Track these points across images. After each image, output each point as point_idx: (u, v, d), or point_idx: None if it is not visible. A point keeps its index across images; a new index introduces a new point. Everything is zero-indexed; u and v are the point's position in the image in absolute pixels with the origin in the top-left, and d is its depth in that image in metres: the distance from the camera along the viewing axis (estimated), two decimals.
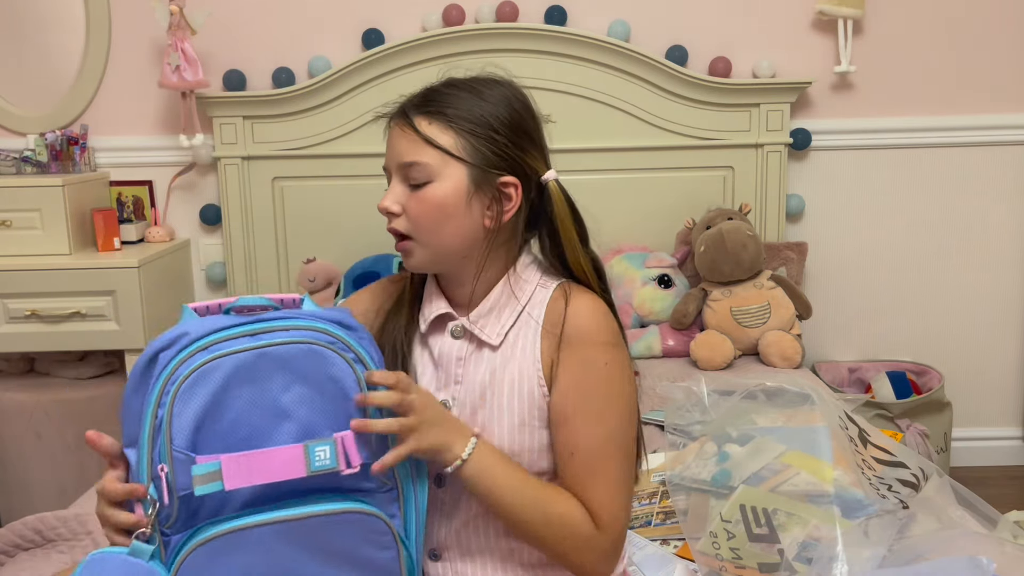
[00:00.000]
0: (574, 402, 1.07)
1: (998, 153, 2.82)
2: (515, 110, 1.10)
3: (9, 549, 1.56)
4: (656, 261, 2.67)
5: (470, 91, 1.09)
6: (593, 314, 1.09)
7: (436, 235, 1.08)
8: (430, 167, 1.06)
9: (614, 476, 1.06)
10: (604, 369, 1.07)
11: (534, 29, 2.66)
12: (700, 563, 1.37)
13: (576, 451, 1.06)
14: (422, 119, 1.07)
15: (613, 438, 1.07)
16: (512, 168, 1.09)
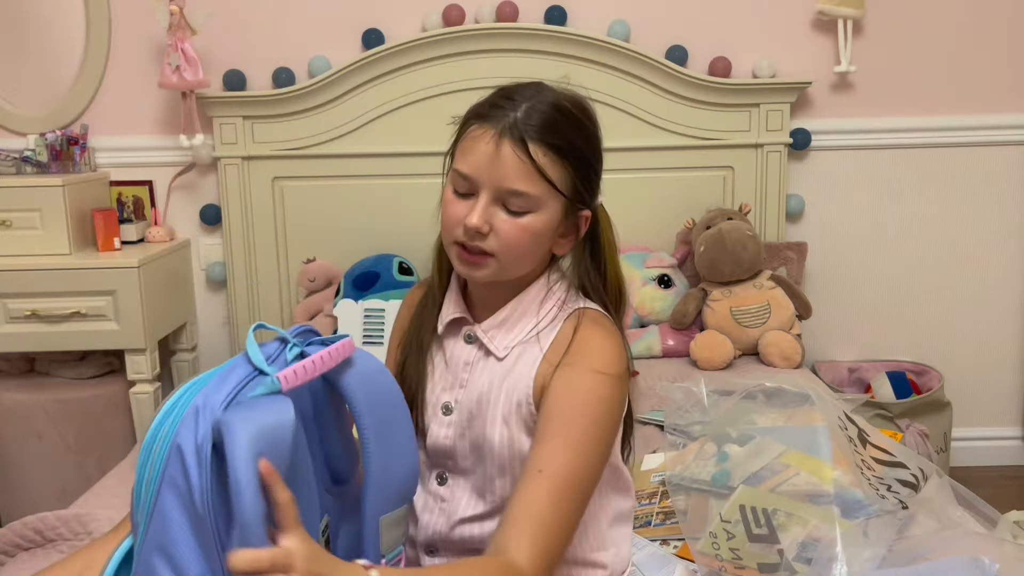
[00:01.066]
0: (556, 425, 1.04)
1: (998, 153, 2.82)
2: (600, 138, 1.14)
3: (9, 549, 1.57)
4: (656, 261, 2.67)
5: (575, 122, 1.09)
6: (603, 343, 1.08)
7: (520, 259, 1.09)
8: (535, 199, 1.05)
9: (567, 509, 1.01)
10: (595, 401, 1.05)
11: (534, 29, 2.66)
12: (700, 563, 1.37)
13: (545, 470, 1.01)
14: (538, 148, 1.04)
15: (580, 475, 1.03)
16: (592, 200, 1.13)
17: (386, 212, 2.74)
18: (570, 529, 1.03)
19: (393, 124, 2.72)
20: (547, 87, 1.11)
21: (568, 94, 1.11)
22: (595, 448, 1.04)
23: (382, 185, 2.74)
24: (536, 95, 1.07)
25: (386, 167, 2.72)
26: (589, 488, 1.05)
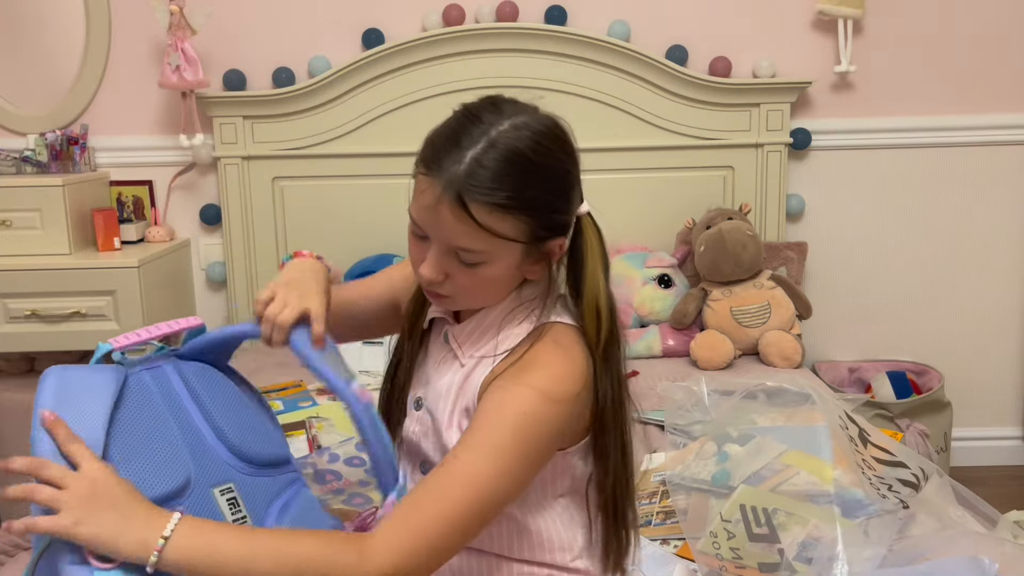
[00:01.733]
0: (476, 426, 0.98)
1: (998, 153, 2.82)
2: (567, 172, 1.03)
3: (9, 549, 1.57)
4: (656, 261, 2.67)
5: (521, 164, 0.98)
6: (552, 363, 1.01)
7: (483, 299, 1.07)
8: (484, 253, 1.00)
9: (450, 508, 0.93)
10: (521, 416, 0.97)
11: (534, 29, 2.66)
12: (700, 563, 1.37)
13: (446, 465, 0.96)
14: (480, 208, 0.96)
15: (489, 483, 0.95)
16: (563, 230, 1.04)
17: (386, 212, 2.74)
18: (449, 538, 0.94)
19: (393, 124, 2.72)
20: (506, 112, 1.00)
21: (530, 130, 0.99)
22: (506, 467, 0.96)
23: (382, 185, 2.74)
24: (486, 138, 0.97)
25: (386, 167, 2.72)
26: (486, 506, 0.95)
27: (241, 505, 0.97)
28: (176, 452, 0.96)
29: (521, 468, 0.98)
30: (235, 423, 1.03)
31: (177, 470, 0.94)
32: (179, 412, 1.00)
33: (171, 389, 1.01)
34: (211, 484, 0.96)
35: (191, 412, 1.01)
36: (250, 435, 1.03)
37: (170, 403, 1.00)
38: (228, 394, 1.05)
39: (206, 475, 0.96)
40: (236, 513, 0.96)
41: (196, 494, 0.94)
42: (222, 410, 1.03)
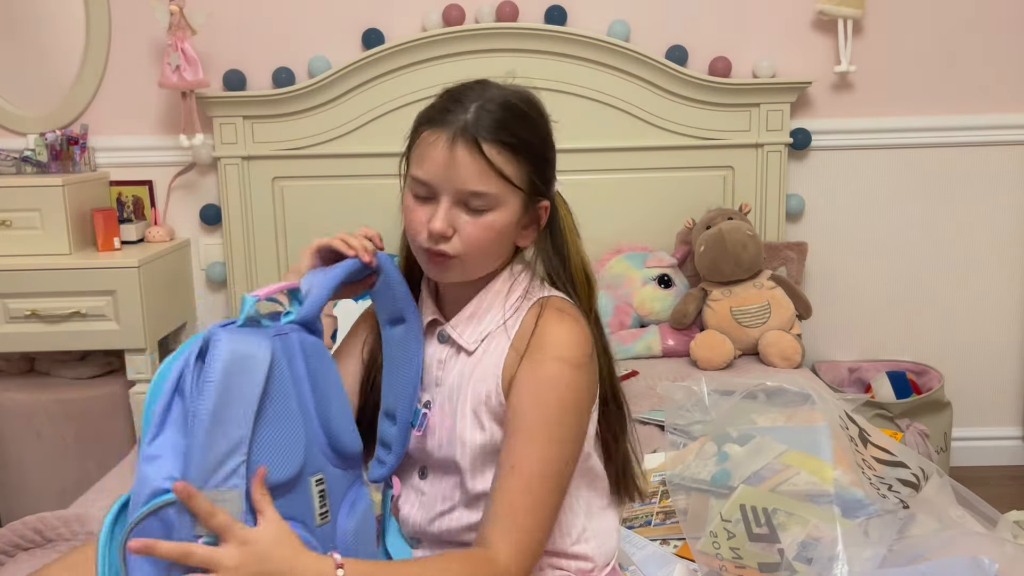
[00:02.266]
0: (525, 420, 1.05)
1: (998, 153, 2.82)
2: (550, 130, 1.13)
3: (9, 549, 1.57)
4: (656, 261, 2.67)
5: (525, 118, 1.09)
6: (565, 331, 1.08)
7: (486, 257, 1.10)
8: (495, 197, 1.06)
9: (540, 508, 1.04)
10: (564, 392, 1.06)
11: (534, 29, 2.66)
12: (700, 563, 1.37)
13: (516, 465, 1.04)
14: (492, 147, 1.04)
15: (552, 468, 1.05)
16: (548, 192, 1.13)
17: (386, 212, 2.72)
18: (547, 521, 1.05)
19: (393, 124, 2.72)
20: (492, 85, 1.12)
21: (514, 90, 1.12)
22: (564, 439, 1.06)
23: (382, 185, 2.73)
24: (483, 95, 1.08)
25: (386, 167, 2.70)
26: (563, 479, 1.06)
27: (327, 498, 0.97)
28: (295, 439, 0.94)
29: (574, 433, 1.07)
30: (335, 411, 1.00)
31: (294, 459, 0.93)
32: (298, 391, 0.97)
33: (295, 364, 0.97)
34: (310, 473, 0.96)
35: (306, 393, 0.98)
36: (344, 426, 1.01)
37: (293, 380, 0.96)
38: (333, 378, 1.02)
39: (309, 463, 0.95)
40: (322, 507, 0.97)
41: (302, 483, 0.94)
42: (327, 395, 1.00)
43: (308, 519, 0.95)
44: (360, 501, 1.02)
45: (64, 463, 2.53)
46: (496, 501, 1.03)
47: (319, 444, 0.97)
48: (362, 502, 1.03)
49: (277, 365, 0.93)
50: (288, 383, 0.94)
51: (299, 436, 0.94)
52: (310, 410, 0.97)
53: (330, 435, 0.98)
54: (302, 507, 0.94)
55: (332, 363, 1.02)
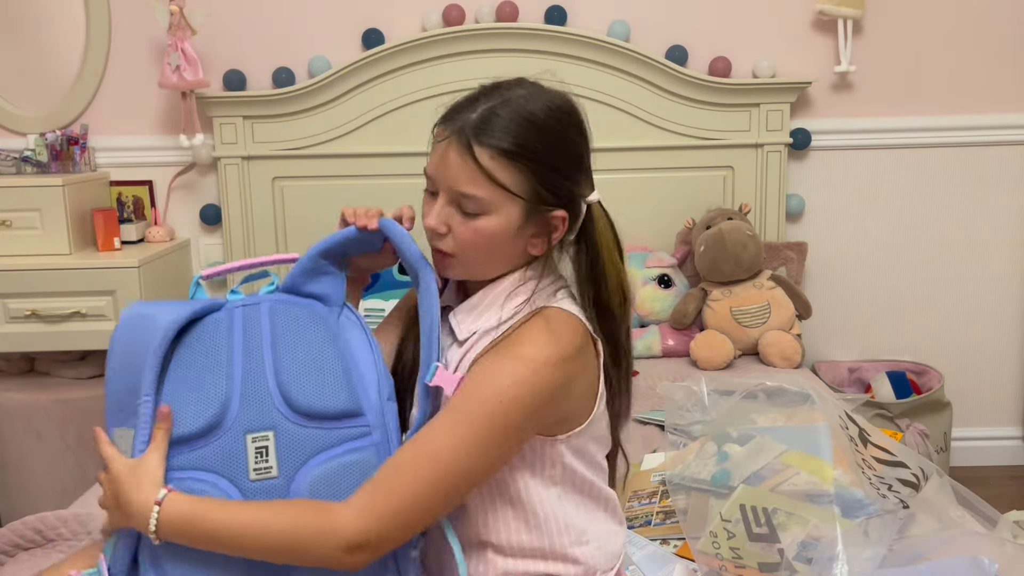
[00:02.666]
0: (457, 398, 1.02)
1: (998, 153, 2.82)
2: (572, 139, 1.09)
3: (9, 549, 1.57)
4: (656, 261, 2.67)
5: (530, 120, 1.05)
6: (535, 335, 1.04)
7: (481, 261, 1.09)
8: (486, 202, 1.04)
9: (418, 480, 0.98)
10: (504, 387, 1.00)
11: (534, 29, 2.66)
12: (700, 563, 1.37)
13: (417, 439, 1.01)
14: (484, 151, 1.03)
15: (451, 456, 0.98)
16: (564, 201, 1.08)
17: (386, 212, 2.73)
18: (422, 504, 0.98)
19: (393, 124, 2.72)
20: (523, 86, 1.10)
21: (542, 95, 1.09)
22: (484, 433, 0.99)
23: (382, 185, 2.74)
24: (501, 97, 1.06)
25: (386, 167, 2.72)
26: (460, 475, 0.99)
27: (270, 455, 1.01)
28: (215, 394, 1.02)
29: (494, 445, 1.00)
30: (299, 371, 1.04)
31: (208, 412, 1.02)
32: (252, 353, 1.05)
33: (256, 329, 1.06)
34: (248, 429, 1.01)
35: (265, 354, 1.05)
36: (310, 385, 1.04)
37: (247, 343, 1.06)
38: (308, 338, 1.07)
39: (248, 419, 1.02)
40: (260, 463, 1.01)
41: (226, 437, 1.01)
42: (293, 356, 1.05)
43: (235, 473, 1.01)
44: (336, 459, 1.03)
45: (64, 463, 2.53)
46: (383, 464, 1.01)
47: (272, 404, 1.03)
48: (336, 463, 1.03)
49: (212, 330, 1.06)
50: (228, 347, 1.05)
51: (216, 393, 1.02)
52: (265, 371, 1.04)
53: (286, 393, 1.03)
54: (225, 461, 1.00)
55: (315, 327, 1.08)
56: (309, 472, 1.02)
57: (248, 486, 1.00)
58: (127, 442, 1.02)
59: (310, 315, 1.09)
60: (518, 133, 1.04)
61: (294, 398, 1.03)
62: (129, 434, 1.02)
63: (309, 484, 1.01)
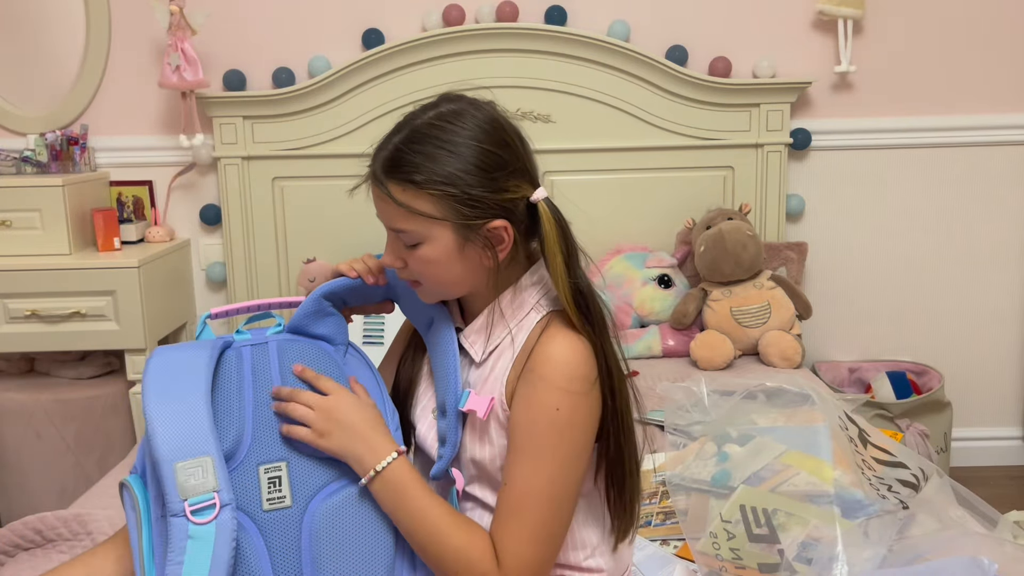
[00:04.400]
0: (519, 439, 1.05)
1: (998, 153, 2.82)
2: (487, 151, 1.04)
3: (9, 549, 1.57)
4: (656, 261, 2.67)
5: (436, 143, 1.04)
6: (561, 355, 1.04)
7: (440, 283, 1.10)
8: (416, 232, 1.06)
9: (531, 525, 1.03)
10: (554, 415, 1.03)
11: (534, 29, 2.66)
12: (700, 563, 1.37)
13: (508, 484, 1.05)
14: (396, 187, 1.05)
15: (544, 489, 1.03)
16: (497, 211, 1.04)
17: None
18: (532, 540, 1.03)
19: (393, 124, 2.72)
20: (442, 104, 1.08)
21: (459, 114, 1.06)
22: (555, 460, 1.04)
23: None
24: (410, 128, 1.07)
25: None
26: (560, 498, 1.04)
27: (284, 485, 1.04)
28: (231, 423, 1.05)
29: (573, 459, 1.05)
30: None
31: (226, 440, 1.03)
32: (261, 386, 1.08)
33: (265, 366, 1.09)
34: (261, 461, 1.04)
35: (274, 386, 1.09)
36: None
37: (257, 379, 1.08)
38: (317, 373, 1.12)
39: (260, 451, 1.04)
40: (274, 492, 1.03)
41: (242, 467, 1.03)
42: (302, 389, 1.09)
43: (249, 505, 1.02)
44: (346, 489, 1.05)
45: (64, 463, 2.53)
46: (496, 514, 1.06)
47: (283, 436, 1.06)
48: (345, 492, 1.05)
49: (223, 367, 1.08)
50: (239, 384, 1.07)
51: (228, 426, 1.04)
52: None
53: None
54: (239, 493, 1.01)
55: (325, 365, 1.11)
56: (324, 501, 1.04)
57: (261, 516, 1.02)
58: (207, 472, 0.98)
59: (317, 352, 1.12)
60: (422, 164, 1.04)
61: None
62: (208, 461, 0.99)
63: (324, 513, 1.03)
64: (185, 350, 1.07)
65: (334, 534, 1.03)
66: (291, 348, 1.11)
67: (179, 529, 0.94)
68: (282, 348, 1.11)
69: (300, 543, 1.02)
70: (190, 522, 0.94)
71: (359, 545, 1.04)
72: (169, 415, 0.98)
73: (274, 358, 1.10)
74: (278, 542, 1.01)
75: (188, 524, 0.94)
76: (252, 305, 1.17)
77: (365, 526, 1.05)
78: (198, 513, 0.95)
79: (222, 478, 0.97)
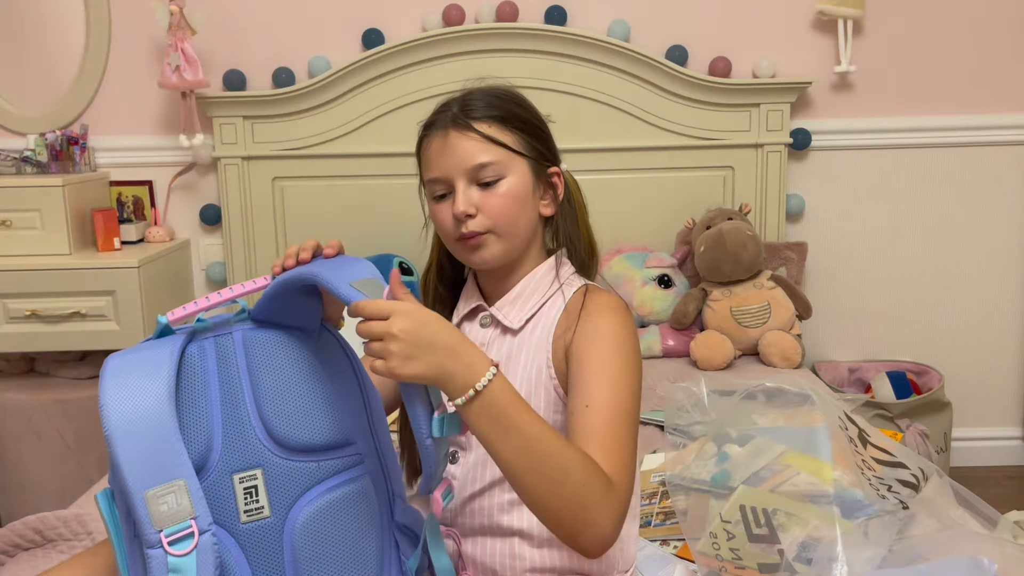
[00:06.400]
0: (593, 364, 1.08)
1: (998, 153, 2.82)
2: (537, 111, 1.22)
3: (9, 549, 1.57)
4: (656, 261, 2.67)
5: (510, 98, 1.19)
6: (614, 300, 1.16)
7: (514, 225, 1.15)
8: (500, 164, 1.14)
9: (626, 435, 1.04)
10: (623, 337, 1.11)
11: (534, 29, 2.66)
12: (700, 563, 1.37)
13: (592, 404, 1.04)
14: (482, 123, 1.14)
15: (626, 405, 1.07)
16: (555, 159, 1.21)
17: (386, 212, 2.74)
18: (631, 453, 1.05)
19: (393, 124, 2.73)
20: (475, 87, 1.22)
21: (498, 85, 1.21)
22: (630, 381, 1.08)
23: (382, 185, 2.74)
24: (467, 92, 1.20)
25: (386, 167, 2.72)
26: (633, 415, 1.08)
27: (261, 495, 0.97)
28: (199, 431, 0.96)
29: (634, 375, 1.10)
30: (281, 403, 0.99)
31: (195, 451, 0.94)
32: (230, 387, 0.99)
33: (230, 360, 1.00)
34: (234, 470, 0.96)
35: (243, 387, 0.99)
36: (291, 417, 0.99)
37: (224, 376, 0.99)
38: (287, 369, 1.01)
39: (233, 458, 0.96)
40: (251, 503, 0.96)
41: (214, 478, 0.95)
42: (272, 387, 1.00)
43: (225, 518, 0.95)
44: (330, 493, 0.99)
45: (64, 463, 2.53)
46: (580, 438, 1.02)
47: (256, 439, 0.98)
48: (331, 496, 0.99)
49: (194, 366, 0.98)
50: (206, 383, 0.98)
51: (195, 434, 0.96)
52: (246, 405, 0.99)
53: (270, 428, 0.98)
54: (213, 506, 0.93)
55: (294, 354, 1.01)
56: (303, 509, 0.98)
57: (239, 529, 0.96)
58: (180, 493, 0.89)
59: (286, 342, 1.02)
60: (500, 105, 1.17)
61: (279, 432, 0.98)
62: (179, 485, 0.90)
63: (304, 522, 0.98)
64: (142, 351, 0.96)
65: (316, 544, 0.97)
66: (256, 338, 1.02)
67: (158, 562, 0.87)
68: (247, 339, 1.02)
69: (282, 556, 0.96)
70: (169, 554, 0.87)
71: (343, 554, 0.99)
72: (133, 435, 0.88)
73: (240, 352, 1.01)
74: (259, 556, 0.96)
75: (167, 556, 0.87)
76: (215, 302, 1.04)
77: (348, 534, 0.99)
78: (176, 544, 0.87)
79: (198, 501, 0.88)
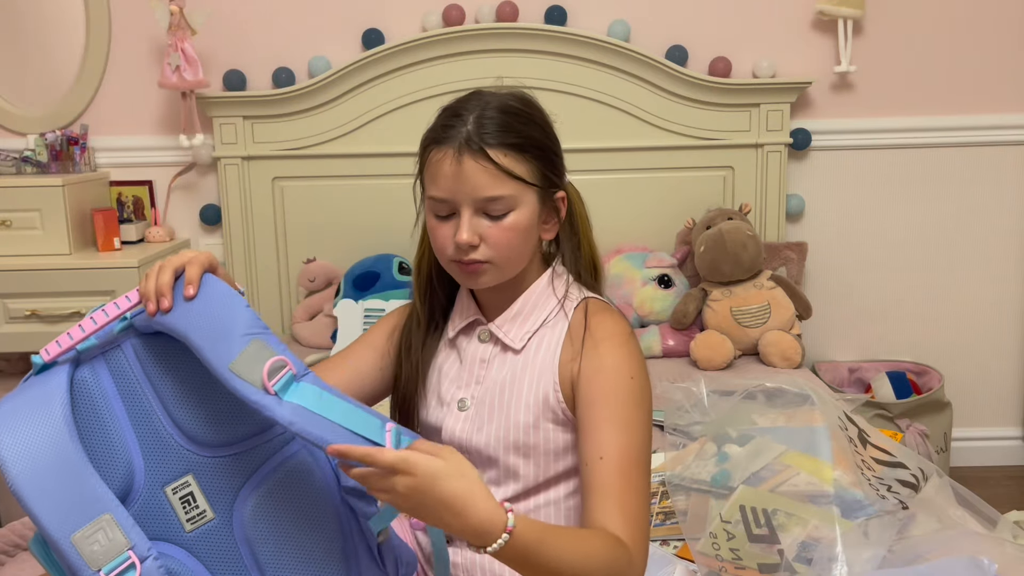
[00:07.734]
0: (602, 411, 1.07)
1: (998, 153, 2.82)
2: (551, 126, 1.17)
3: (9, 549, 1.57)
4: (656, 261, 2.67)
5: (524, 116, 1.12)
6: (615, 325, 1.13)
7: (515, 257, 1.13)
8: (512, 198, 1.09)
9: (640, 484, 1.05)
10: (631, 382, 1.09)
11: (534, 29, 2.66)
12: (700, 563, 1.38)
13: (605, 455, 1.05)
14: (498, 152, 1.08)
15: (639, 455, 1.06)
16: (562, 181, 1.17)
17: (386, 212, 2.74)
18: (646, 504, 1.05)
19: (393, 124, 2.72)
20: (486, 92, 1.15)
21: (509, 92, 1.15)
22: (639, 424, 1.08)
23: (382, 185, 2.74)
24: (480, 104, 1.11)
25: (386, 167, 2.72)
26: (646, 462, 1.08)
27: (199, 499, 0.94)
28: (115, 457, 0.93)
29: (645, 418, 1.10)
30: (189, 404, 0.96)
31: (116, 478, 0.91)
32: (135, 401, 0.95)
33: (127, 374, 0.96)
34: (164, 483, 0.94)
35: (148, 398, 0.96)
36: (204, 415, 0.96)
37: (125, 392, 0.95)
38: (187, 369, 0.96)
39: (159, 473, 0.94)
40: (191, 511, 0.94)
41: (145, 498, 0.93)
42: (177, 390, 0.96)
43: (169, 532, 0.93)
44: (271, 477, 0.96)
45: None
46: (595, 494, 1.03)
47: (177, 446, 0.95)
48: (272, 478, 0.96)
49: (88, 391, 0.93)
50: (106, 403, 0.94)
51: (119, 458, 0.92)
52: (156, 416, 0.95)
53: (186, 433, 0.95)
54: (153, 524, 0.91)
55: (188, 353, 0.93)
56: (247, 501, 0.95)
57: (187, 538, 0.93)
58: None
59: (177, 343, 0.95)
60: (516, 127, 1.10)
61: (196, 433, 0.95)
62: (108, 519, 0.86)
63: (251, 513, 0.95)
64: (27, 391, 0.90)
65: (270, 531, 0.95)
66: (145, 345, 0.96)
67: None
68: (137, 347, 0.96)
69: (239, 552, 0.94)
70: None
71: (300, 533, 0.96)
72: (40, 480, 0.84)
73: (133, 362, 0.96)
74: (216, 559, 0.94)
75: None
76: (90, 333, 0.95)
77: (300, 512, 0.96)
78: None
79: (129, 530, 0.85)
